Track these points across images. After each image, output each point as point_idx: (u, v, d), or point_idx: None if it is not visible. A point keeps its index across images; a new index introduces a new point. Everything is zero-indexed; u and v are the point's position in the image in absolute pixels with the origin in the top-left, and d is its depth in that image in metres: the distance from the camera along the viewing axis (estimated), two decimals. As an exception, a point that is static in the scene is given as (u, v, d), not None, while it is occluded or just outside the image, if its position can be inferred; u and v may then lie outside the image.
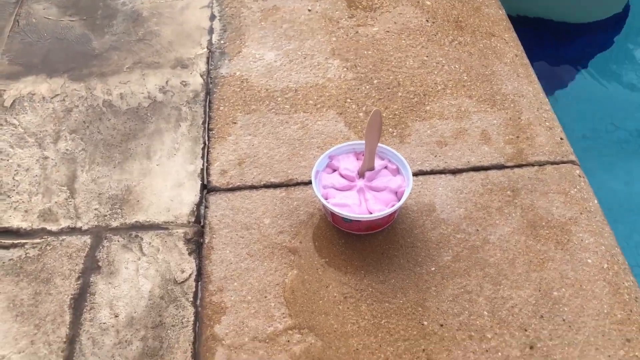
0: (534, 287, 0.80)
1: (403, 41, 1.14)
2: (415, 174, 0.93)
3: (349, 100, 1.04)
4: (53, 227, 0.86)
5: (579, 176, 0.93)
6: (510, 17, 1.21)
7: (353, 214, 0.80)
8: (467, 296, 0.79)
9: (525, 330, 0.76)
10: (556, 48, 1.64)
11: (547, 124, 1.00)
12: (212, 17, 1.20)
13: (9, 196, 0.90)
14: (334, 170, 0.87)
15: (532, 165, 0.94)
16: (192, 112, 1.02)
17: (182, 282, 0.81)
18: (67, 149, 0.96)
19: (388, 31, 1.16)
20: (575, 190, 0.91)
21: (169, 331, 0.76)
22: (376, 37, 1.15)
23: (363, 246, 0.85)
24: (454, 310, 0.78)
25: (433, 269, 0.82)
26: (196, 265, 0.83)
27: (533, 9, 1.58)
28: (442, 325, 0.77)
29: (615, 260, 0.83)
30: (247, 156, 0.96)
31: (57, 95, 1.05)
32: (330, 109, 1.03)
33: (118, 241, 0.85)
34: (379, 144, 0.87)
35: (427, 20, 1.18)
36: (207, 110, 1.03)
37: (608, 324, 0.77)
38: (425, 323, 0.77)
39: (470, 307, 0.78)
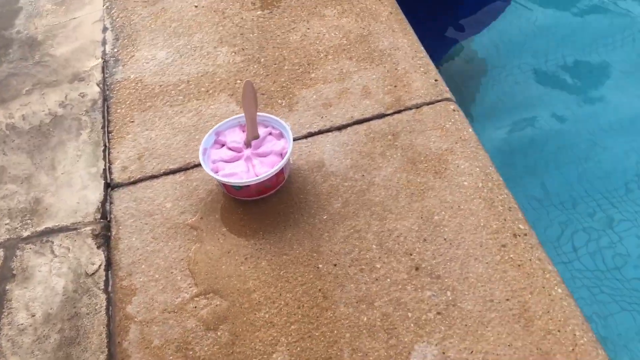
0: (417, 216, 0.87)
1: (285, 19, 1.20)
2: (304, 137, 0.99)
3: (238, 81, 1.10)
4: (-32, 248, 0.91)
5: (454, 110, 1.00)
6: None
7: (240, 180, 0.86)
8: (357, 235, 0.86)
9: (411, 255, 0.83)
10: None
11: (421, 69, 1.07)
12: (105, 29, 1.25)
13: None
14: (223, 145, 0.93)
15: (410, 108, 1.01)
16: (91, 119, 1.07)
17: (93, 273, 0.86)
18: (-25, 175, 1.01)
19: (271, 12, 1.22)
20: (450, 123, 0.98)
21: (84, 319, 0.81)
22: (260, 20, 1.21)
23: (259, 210, 0.90)
24: (346, 250, 0.84)
25: (325, 217, 0.88)
26: (105, 257, 0.88)
27: None
28: (335, 265, 0.83)
29: (489, 178, 0.90)
30: (145, 150, 1.01)
31: (-38, 127, 1.09)
32: (222, 92, 1.08)
33: (30, 249, 0.90)
34: (262, 113, 0.93)
35: (307, -4, 1.24)
36: (106, 115, 1.08)
37: (485, 235, 0.83)
38: (320, 266, 0.83)
39: (360, 244, 0.85)
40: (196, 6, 1.27)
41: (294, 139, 0.98)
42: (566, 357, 0.71)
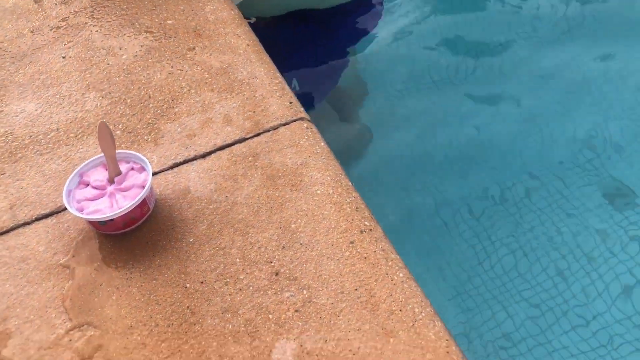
0: (276, 227, 0.94)
1: (150, 60, 1.27)
2: (170, 167, 1.05)
3: (107, 123, 1.15)
4: None
5: (307, 128, 1.09)
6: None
7: (104, 215, 0.91)
8: (222, 252, 0.92)
9: (271, 262, 0.90)
10: (324, 36, 1.82)
11: (277, 94, 1.16)
12: (-27, 89, 1.27)
13: None
14: (87, 185, 0.97)
15: (268, 130, 1.09)
16: (-39, 177, 1.09)
17: (-33, 324, 0.88)
18: None
19: (136, 55, 1.29)
20: (304, 140, 1.07)
21: (-41, 369, 0.83)
22: (126, 64, 1.27)
23: (129, 241, 0.95)
24: (212, 267, 0.90)
25: (192, 240, 0.94)
26: (-20, 306, 0.90)
27: (288, 4, 1.76)
28: (202, 282, 0.89)
29: (339, 184, 0.99)
30: (17, 199, 1.04)
31: None
32: (90, 135, 1.13)
33: None
34: (123, 150, 0.99)
35: (169, 38, 1.32)
36: (-24, 171, 1.10)
37: (335, 235, 0.92)
38: (188, 285, 0.89)
39: (224, 259, 0.91)
40: (64, 57, 1.31)
41: (160, 171, 1.04)
42: (407, 332, 0.80)
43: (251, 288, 0.87)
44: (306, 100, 1.70)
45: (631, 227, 1.57)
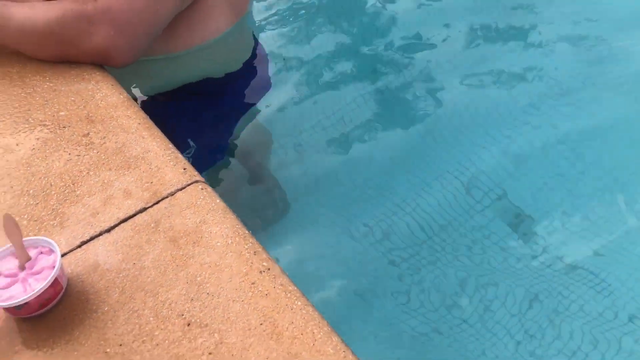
0: (183, 282, 1.04)
1: (47, 151, 1.35)
2: (78, 246, 1.13)
3: (14, 217, 1.21)
4: None
5: (202, 189, 1.20)
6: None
7: (17, 300, 0.97)
8: (136, 315, 1.00)
9: (182, 315, 0.99)
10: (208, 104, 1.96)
11: (171, 163, 1.27)
12: None
13: None
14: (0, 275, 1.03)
15: (166, 197, 1.20)
16: None
17: None
18: None
19: (33, 148, 1.36)
20: (200, 199, 1.18)
21: None
22: (24, 157, 1.34)
23: (47, 321, 1.01)
24: (128, 329, 0.98)
25: (106, 308, 1.02)
26: None
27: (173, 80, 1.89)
28: (120, 345, 0.96)
29: (237, 234, 1.10)
30: None
31: None
32: (-3, 231, 1.19)
33: None
34: (29, 237, 1.06)
35: (64, 127, 1.40)
36: None
37: (238, 280, 1.02)
38: (108, 350, 0.96)
39: (139, 321, 0.99)
40: (-39, 160, 1.36)
41: (69, 251, 1.11)
42: (309, 352, 0.91)
43: (167, 341, 0.96)
44: (205, 161, 1.81)
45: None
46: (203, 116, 1.87)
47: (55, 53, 1.55)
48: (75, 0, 1.49)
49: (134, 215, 1.17)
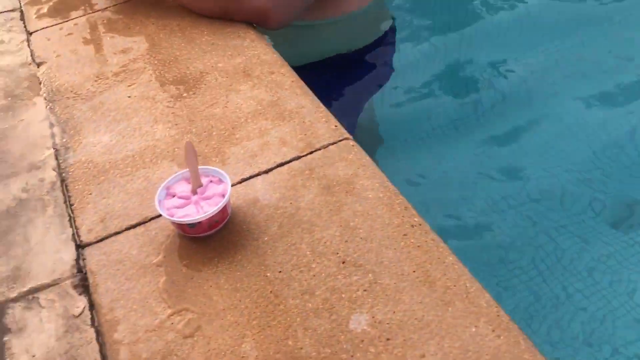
0: (337, 225, 1.11)
1: (208, 97, 1.46)
2: (239, 182, 1.22)
3: (176, 149, 1.32)
4: (-39, 316, 1.05)
5: (352, 145, 1.27)
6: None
7: (193, 218, 1.07)
8: (293, 247, 1.08)
9: (337, 254, 1.06)
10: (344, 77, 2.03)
11: (323, 120, 1.34)
12: (51, 126, 1.45)
13: None
14: (173, 196, 1.14)
15: (319, 149, 1.27)
16: (53, 198, 1.25)
17: (79, 314, 1.02)
18: (-46, 259, 1.15)
19: (195, 93, 1.48)
20: (351, 155, 1.25)
21: (79, 350, 0.97)
22: (187, 100, 1.46)
23: (212, 242, 1.11)
24: (286, 259, 1.06)
25: (266, 238, 1.10)
26: (87, 300, 1.05)
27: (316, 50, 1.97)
28: (280, 272, 1.04)
29: (387, 190, 1.16)
30: (106, 213, 1.20)
31: None
32: (164, 160, 1.30)
33: (20, 306, 1.05)
34: (202, 166, 1.16)
35: (223, 77, 1.51)
36: (65, 192, 1.26)
37: (390, 230, 1.08)
38: (269, 274, 1.04)
39: (297, 253, 1.07)
40: (129, 97, 1.50)
41: (231, 186, 1.20)
42: (462, 302, 0.96)
43: (323, 274, 1.03)
44: None
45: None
46: (337, 91, 1.94)
47: (216, 8, 1.67)
48: None
49: (290, 161, 1.25)
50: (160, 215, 1.16)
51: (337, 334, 0.94)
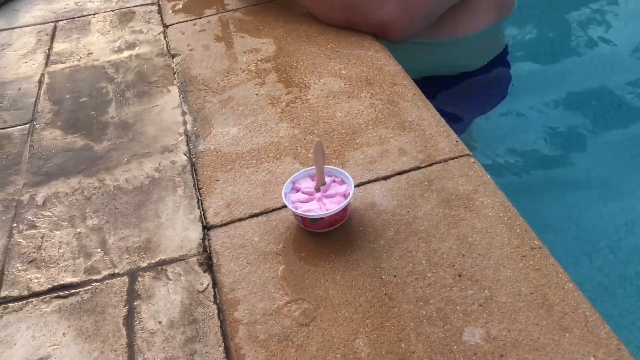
0: (455, 238, 1.12)
1: (331, 101, 1.51)
2: (357, 185, 1.26)
3: (299, 147, 1.38)
4: (97, 277, 1.14)
5: (473, 162, 1.28)
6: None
7: (317, 214, 1.12)
8: (409, 254, 1.10)
9: (453, 266, 1.07)
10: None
11: (444, 134, 1.36)
12: (184, 113, 1.55)
13: (58, 263, 1.18)
14: (298, 191, 1.19)
15: (439, 162, 1.29)
16: (183, 180, 1.34)
17: (203, 290, 1.09)
18: (94, 224, 1.26)
19: (318, 97, 1.54)
20: (472, 172, 1.25)
21: (201, 324, 1.04)
22: (310, 102, 1.52)
23: (329, 239, 1.15)
24: (402, 265, 1.08)
25: (382, 242, 1.13)
26: (211, 278, 1.12)
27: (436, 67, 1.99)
28: (395, 276, 1.07)
29: (507, 210, 1.16)
30: (231, 200, 1.27)
31: (76, 189, 1.35)
32: (287, 156, 1.36)
33: (149, 275, 1.13)
34: (327, 166, 1.20)
35: (345, 84, 1.56)
36: (195, 176, 1.35)
37: (509, 250, 1.08)
38: (383, 277, 1.07)
39: (412, 260, 1.09)
40: (257, 94, 1.58)
41: (351, 187, 1.25)
42: (580, 329, 0.94)
43: (438, 284, 1.04)
44: None
45: None
46: (449, 109, 1.95)
47: (342, 17, 1.73)
48: None
49: (409, 171, 1.28)
50: (281, 208, 1.22)
51: (450, 344, 0.95)
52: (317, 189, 1.18)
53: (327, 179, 1.19)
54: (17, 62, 1.91)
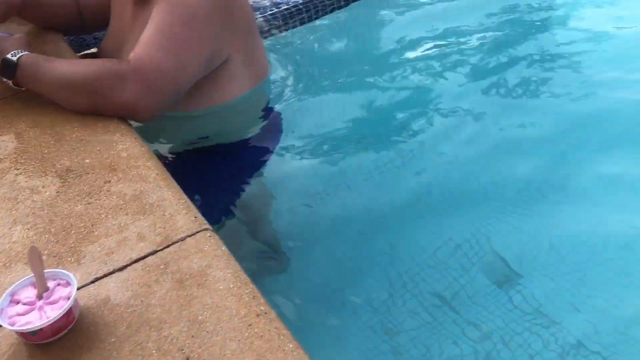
0: (186, 320, 1.12)
1: (71, 194, 1.46)
2: (92, 282, 1.22)
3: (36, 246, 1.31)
4: None
5: (210, 236, 1.31)
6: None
7: (34, 326, 1.06)
8: (140, 347, 1.08)
9: (182, 350, 1.07)
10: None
11: (184, 211, 1.38)
12: None
13: None
14: (18, 302, 1.12)
15: (176, 242, 1.30)
16: None
17: None
18: None
19: (58, 192, 1.48)
20: (207, 246, 1.28)
21: None
22: (49, 200, 1.46)
23: (57, 347, 1.10)
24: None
25: (113, 340, 1.10)
26: None
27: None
28: (123, 374, 1.04)
29: (238, 279, 1.19)
30: (-50, 325, 1.16)
31: None
32: (18, 262, 1.29)
33: None
34: (49, 269, 1.15)
35: (88, 173, 1.53)
36: None
37: (236, 321, 1.11)
38: (111, 378, 1.04)
39: (142, 352, 1.07)
40: (-10, 198, 1.48)
41: (83, 286, 1.20)
42: (297, 390, 0.98)
43: (166, 374, 1.03)
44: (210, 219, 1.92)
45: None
46: (214, 176, 1.99)
47: (87, 103, 1.71)
48: (112, 59, 1.70)
49: (146, 256, 1.27)
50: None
51: None
52: (40, 297, 1.12)
53: (51, 284, 1.14)
54: None
